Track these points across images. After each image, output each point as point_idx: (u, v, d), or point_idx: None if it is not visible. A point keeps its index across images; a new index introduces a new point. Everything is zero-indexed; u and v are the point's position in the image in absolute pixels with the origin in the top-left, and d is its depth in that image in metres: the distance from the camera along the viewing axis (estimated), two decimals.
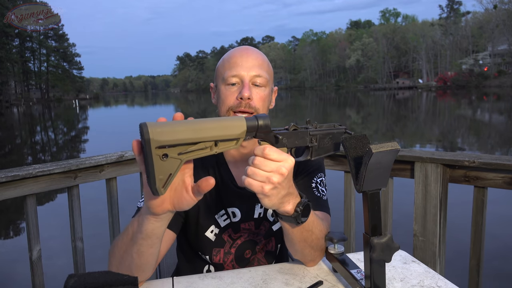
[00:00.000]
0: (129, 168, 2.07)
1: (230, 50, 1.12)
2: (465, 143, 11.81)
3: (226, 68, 1.06)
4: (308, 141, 0.81)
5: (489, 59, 67.22)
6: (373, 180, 0.77)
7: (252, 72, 1.04)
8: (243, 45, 1.13)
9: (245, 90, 1.01)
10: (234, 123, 0.68)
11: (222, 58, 1.11)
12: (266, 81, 1.06)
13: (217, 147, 0.66)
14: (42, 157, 11.96)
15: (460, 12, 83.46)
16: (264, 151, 0.73)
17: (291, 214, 0.82)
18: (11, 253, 4.19)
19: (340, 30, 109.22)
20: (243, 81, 1.03)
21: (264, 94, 1.05)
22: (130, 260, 0.86)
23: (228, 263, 1.11)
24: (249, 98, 1.02)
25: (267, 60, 1.11)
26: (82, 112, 41.10)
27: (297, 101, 45.38)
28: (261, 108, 1.05)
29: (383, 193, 1.95)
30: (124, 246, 0.86)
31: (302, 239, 0.92)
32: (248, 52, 1.06)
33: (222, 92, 1.06)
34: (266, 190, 0.74)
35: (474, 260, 1.77)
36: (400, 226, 3.24)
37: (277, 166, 0.73)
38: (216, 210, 1.10)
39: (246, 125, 0.69)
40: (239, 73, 1.03)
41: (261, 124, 0.71)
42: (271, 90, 1.11)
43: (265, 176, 0.73)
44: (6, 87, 66.24)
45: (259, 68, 1.05)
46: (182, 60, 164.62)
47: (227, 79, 1.04)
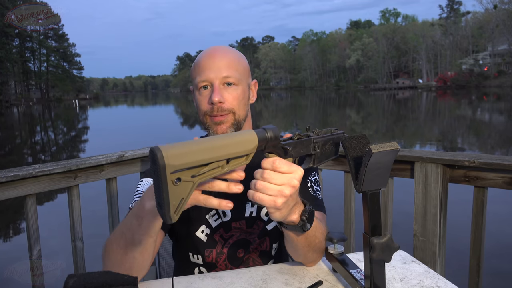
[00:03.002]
0: (129, 168, 2.07)
1: (200, 52, 1.11)
2: (465, 143, 11.81)
3: (196, 73, 1.05)
4: (312, 149, 0.79)
5: (489, 59, 67.16)
6: (373, 180, 0.77)
7: (221, 74, 1.02)
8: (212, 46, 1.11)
9: (214, 94, 1.01)
10: (245, 138, 0.65)
11: (194, 61, 1.11)
12: (237, 79, 1.04)
13: (229, 164, 0.64)
14: (42, 157, 11.97)
15: (460, 12, 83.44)
16: (274, 164, 0.71)
17: (297, 223, 0.81)
18: (11, 253, 4.19)
19: (340, 30, 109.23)
20: (213, 84, 1.03)
21: (237, 93, 1.04)
22: (132, 261, 0.86)
23: (220, 263, 1.11)
24: (221, 101, 1.01)
25: (238, 56, 1.08)
26: (82, 112, 41.10)
27: (297, 101, 45.37)
28: (236, 107, 1.04)
29: (383, 193, 1.95)
30: (122, 249, 0.86)
31: (306, 245, 0.92)
32: (215, 54, 1.05)
33: (196, 98, 1.06)
34: (279, 204, 0.71)
35: (474, 260, 1.77)
36: (400, 226, 3.23)
37: (288, 179, 0.71)
38: (206, 209, 1.09)
39: (257, 139, 0.67)
40: (208, 77, 1.02)
41: (271, 136, 0.68)
42: (247, 85, 1.09)
43: (277, 190, 0.71)
44: (6, 87, 66.22)
45: (227, 68, 1.03)
46: (182, 60, 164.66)
47: (198, 84, 1.04)
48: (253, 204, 1.10)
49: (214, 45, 1.11)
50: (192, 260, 1.13)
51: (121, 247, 0.86)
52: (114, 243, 0.88)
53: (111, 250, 0.89)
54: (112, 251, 0.89)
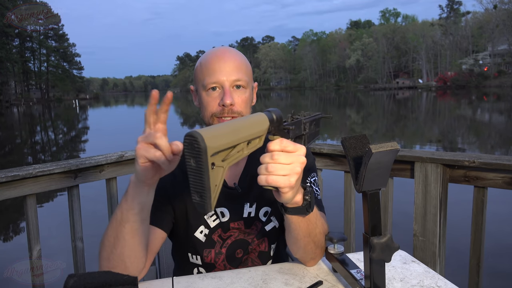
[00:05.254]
0: (129, 168, 2.07)
1: (206, 53, 1.10)
2: (465, 143, 11.81)
3: (205, 74, 1.05)
4: (303, 129, 0.83)
5: (489, 59, 67.16)
6: (373, 180, 0.77)
7: (232, 77, 1.03)
8: (219, 46, 1.11)
9: (226, 97, 1.01)
10: (258, 119, 0.68)
11: (199, 61, 1.10)
12: (246, 82, 1.05)
13: (248, 147, 0.64)
14: (42, 157, 11.97)
15: (460, 12, 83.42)
16: (282, 144, 0.73)
17: (301, 204, 0.84)
18: (11, 253, 4.19)
19: (340, 30, 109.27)
20: (224, 87, 1.03)
21: (245, 96, 1.06)
22: (123, 244, 0.86)
23: (219, 263, 1.11)
24: (232, 104, 1.02)
25: (245, 59, 1.10)
26: (82, 112, 41.11)
27: (297, 101, 45.37)
28: (244, 110, 1.05)
29: (383, 193, 1.95)
30: (114, 232, 0.86)
31: (307, 233, 0.92)
32: (225, 56, 1.05)
33: (204, 99, 1.06)
34: (293, 182, 0.74)
35: (474, 260, 1.77)
36: (400, 226, 3.23)
37: (296, 157, 0.74)
38: None
39: (268, 119, 0.69)
40: (218, 79, 1.03)
41: (276, 118, 0.72)
42: (251, 89, 1.10)
43: (289, 168, 0.73)
44: (6, 87, 66.22)
45: (238, 71, 1.04)
46: (182, 60, 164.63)
47: (207, 86, 1.04)
48: (251, 205, 1.11)
49: (220, 47, 1.11)
50: (191, 261, 1.13)
51: (113, 230, 0.86)
52: (107, 230, 0.89)
53: (104, 238, 0.89)
54: (105, 238, 0.89)
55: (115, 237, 0.86)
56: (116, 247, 0.87)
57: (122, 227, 0.85)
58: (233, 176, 1.11)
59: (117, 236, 0.86)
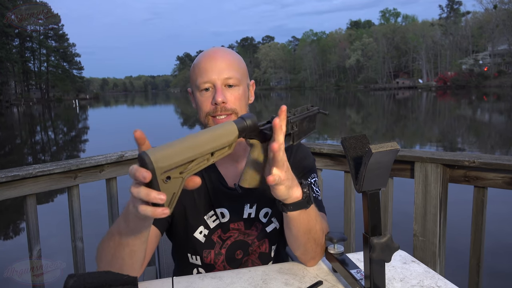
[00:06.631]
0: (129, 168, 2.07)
1: (199, 54, 1.11)
2: (465, 143, 11.81)
3: (197, 75, 1.06)
4: (290, 129, 0.84)
5: (489, 59, 67.14)
6: (373, 180, 0.77)
7: (223, 75, 1.04)
8: (212, 47, 1.12)
9: (218, 95, 1.02)
10: (226, 130, 0.69)
11: (193, 63, 1.11)
12: (238, 80, 1.06)
13: (213, 156, 0.67)
14: (42, 157, 11.97)
15: (460, 12, 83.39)
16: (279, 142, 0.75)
17: (301, 198, 0.85)
18: (11, 253, 4.19)
19: (340, 30, 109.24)
20: (216, 85, 1.04)
21: (238, 93, 1.06)
22: (121, 263, 0.85)
23: (219, 264, 1.11)
24: (224, 102, 1.03)
25: (237, 57, 1.10)
26: (82, 112, 41.10)
27: (297, 101, 45.34)
28: (238, 107, 1.05)
29: (383, 193, 1.95)
30: (112, 250, 0.85)
31: (308, 230, 0.92)
32: (216, 55, 1.06)
33: (198, 99, 1.07)
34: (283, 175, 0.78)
35: (474, 260, 1.77)
36: (400, 226, 3.23)
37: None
38: (204, 211, 1.10)
39: (237, 129, 0.71)
40: (210, 78, 1.04)
41: (249, 125, 0.73)
42: (246, 86, 1.11)
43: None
44: (6, 87, 66.18)
45: (229, 69, 1.05)
46: (182, 60, 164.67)
47: (199, 86, 1.05)
48: (251, 206, 1.11)
49: (213, 47, 1.12)
50: (191, 261, 1.13)
51: (111, 248, 0.85)
52: (105, 244, 0.88)
53: (102, 251, 0.89)
54: (103, 252, 0.89)
55: (113, 255, 0.85)
56: (113, 265, 0.86)
57: (121, 249, 0.84)
58: (233, 176, 1.11)
59: (115, 255, 0.85)
